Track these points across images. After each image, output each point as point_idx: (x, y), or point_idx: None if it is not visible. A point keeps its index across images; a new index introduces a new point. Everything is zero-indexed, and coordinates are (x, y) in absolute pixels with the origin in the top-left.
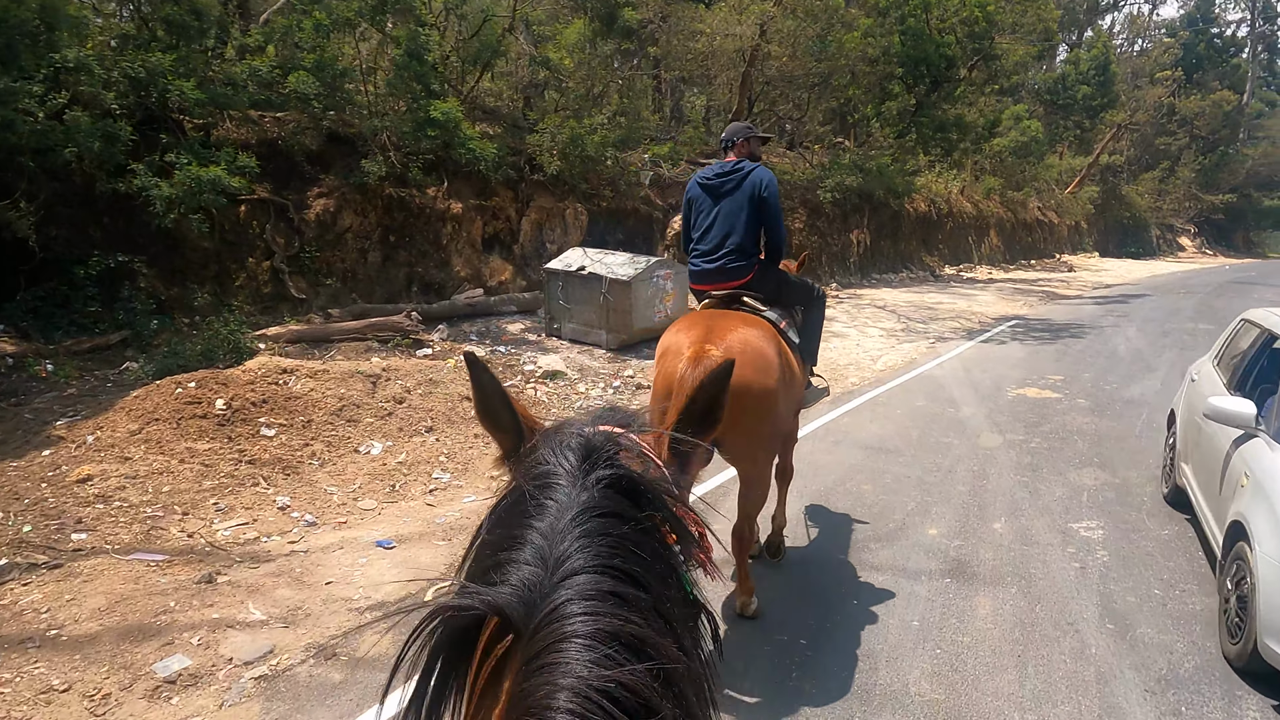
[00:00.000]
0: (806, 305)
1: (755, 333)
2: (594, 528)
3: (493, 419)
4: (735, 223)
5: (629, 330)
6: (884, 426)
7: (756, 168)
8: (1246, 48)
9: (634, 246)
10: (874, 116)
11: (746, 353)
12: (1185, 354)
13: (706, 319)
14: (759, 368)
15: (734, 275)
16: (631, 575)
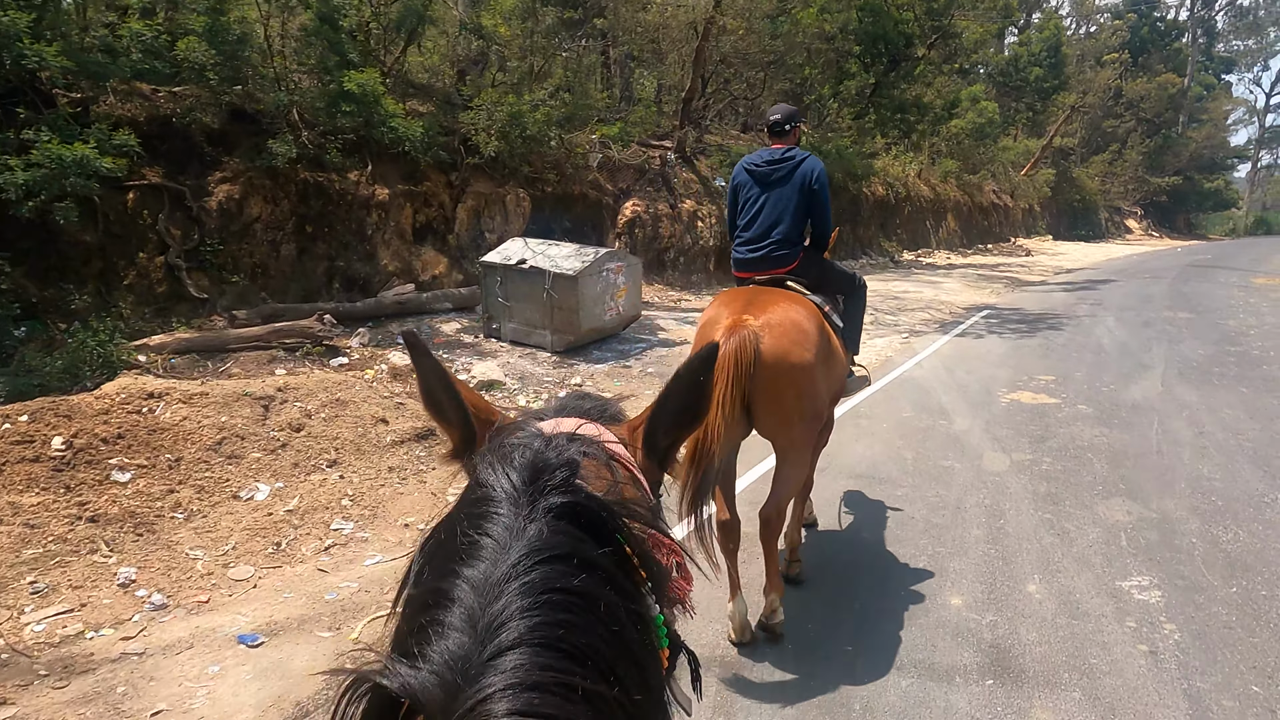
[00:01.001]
0: (848, 294)
1: (796, 308)
2: (538, 580)
3: (438, 410)
4: (784, 212)
5: (576, 330)
6: (872, 447)
7: (808, 157)
8: (1187, 32)
9: (582, 235)
10: (831, 97)
11: (784, 325)
12: (1174, 348)
13: (749, 293)
14: (796, 340)
15: (779, 263)
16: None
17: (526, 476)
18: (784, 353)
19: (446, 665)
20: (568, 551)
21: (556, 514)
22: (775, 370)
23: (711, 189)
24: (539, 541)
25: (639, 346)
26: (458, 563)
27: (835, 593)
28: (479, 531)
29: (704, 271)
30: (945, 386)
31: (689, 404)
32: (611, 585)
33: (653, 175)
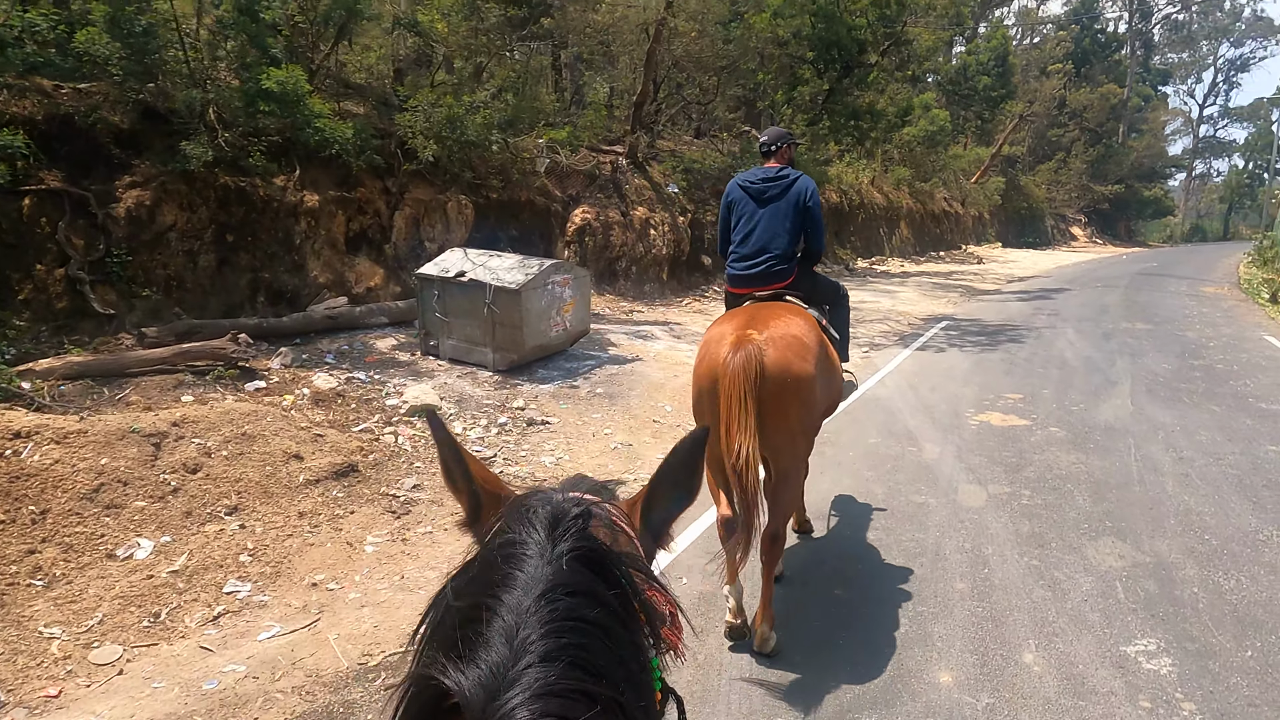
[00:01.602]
0: (833, 304)
1: (798, 321)
2: (560, 609)
3: (453, 483)
4: (780, 228)
5: (520, 348)
6: (839, 481)
7: (801, 176)
8: (1126, 44)
9: (530, 243)
10: (785, 103)
11: (787, 339)
12: (1138, 362)
13: (751, 309)
14: (799, 353)
15: (777, 279)
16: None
17: (548, 525)
18: (787, 365)
19: (490, 672)
20: (585, 589)
21: (574, 556)
22: (780, 383)
23: (665, 195)
24: (559, 580)
25: (588, 364)
26: (495, 588)
27: (809, 670)
28: (511, 566)
29: (657, 281)
30: (911, 407)
31: (682, 480)
32: (618, 620)
33: (604, 181)
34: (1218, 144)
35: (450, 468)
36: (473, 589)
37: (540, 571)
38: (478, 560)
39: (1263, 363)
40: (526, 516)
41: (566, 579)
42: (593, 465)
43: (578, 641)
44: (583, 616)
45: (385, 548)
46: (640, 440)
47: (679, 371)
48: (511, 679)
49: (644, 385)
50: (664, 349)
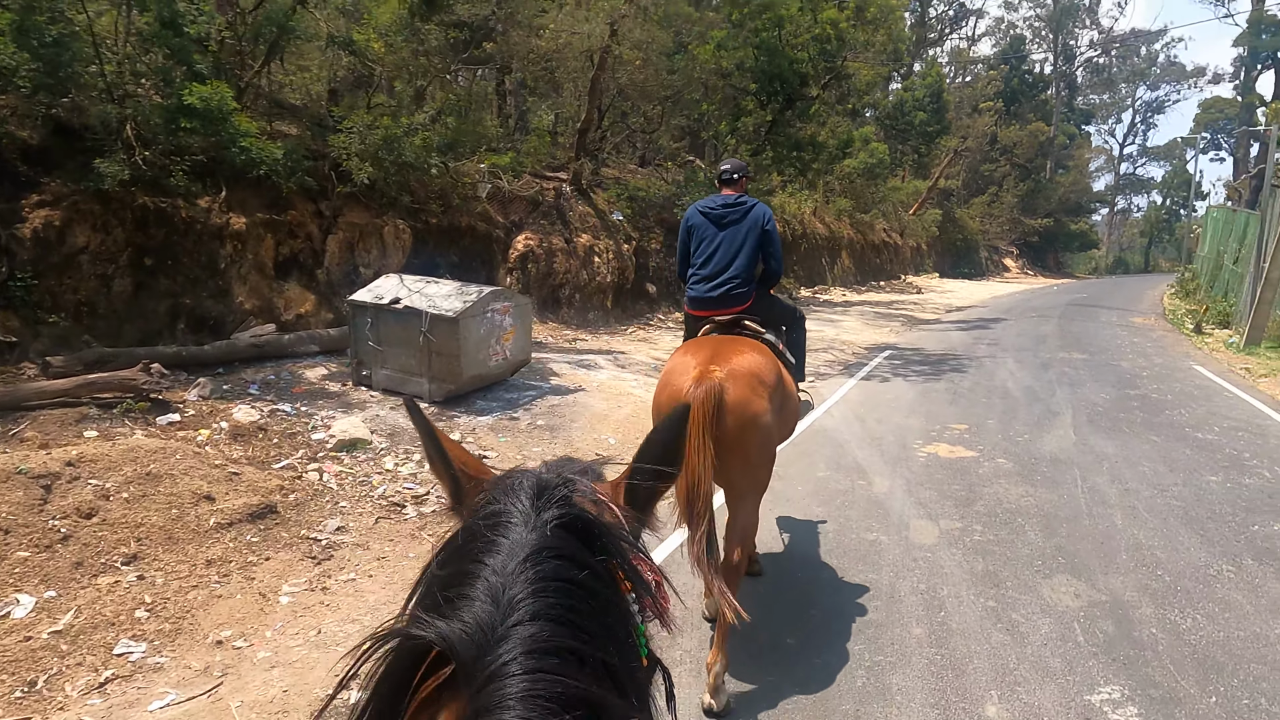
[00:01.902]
0: (790, 325)
1: (758, 357)
2: (547, 570)
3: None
4: (739, 250)
5: (457, 378)
6: (789, 517)
7: (758, 203)
8: (1051, 85)
9: (471, 269)
10: (729, 133)
11: (746, 375)
12: (1077, 392)
13: (712, 343)
14: (756, 390)
15: (737, 301)
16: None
17: (532, 494)
18: (746, 402)
19: (477, 626)
20: (569, 553)
21: (559, 523)
22: (739, 419)
23: (609, 223)
24: (544, 544)
25: (528, 395)
26: (479, 555)
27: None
28: (495, 534)
29: (601, 309)
30: (859, 439)
31: (664, 458)
32: (605, 584)
33: (547, 208)
34: (1137, 181)
35: (431, 454)
36: (458, 557)
37: (526, 537)
38: (463, 531)
39: (1194, 392)
40: (511, 489)
41: (552, 543)
42: None
43: (565, 602)
44: (570, 578)
45: (302, 598)
46: None
47: (623, 402)
48: (501, 635)
49: (587, 417)
50: (607, 379)
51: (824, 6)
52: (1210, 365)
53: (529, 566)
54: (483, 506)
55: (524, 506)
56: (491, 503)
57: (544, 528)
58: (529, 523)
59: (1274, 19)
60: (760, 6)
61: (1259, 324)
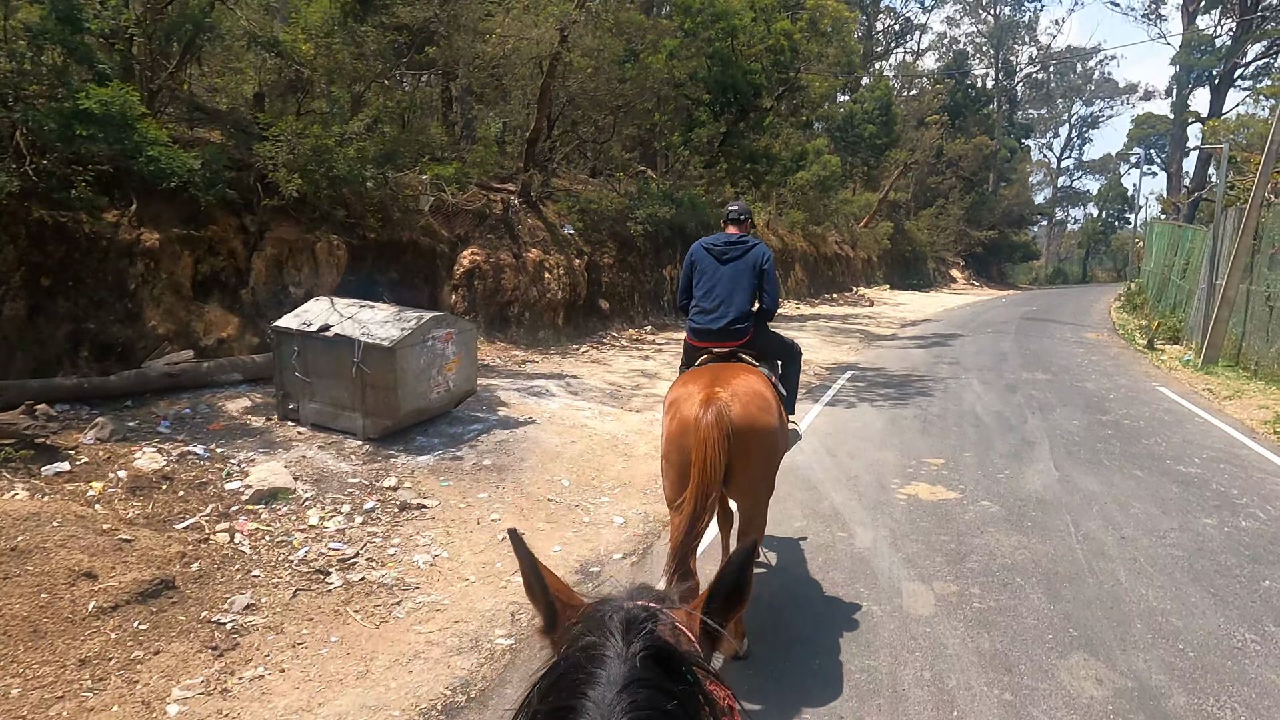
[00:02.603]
0: (786, 360)
1: (756, 380)
2: (640, 700)
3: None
4: (738, 286)
5: (394, 413)
6: (770, 581)
7: (759, 243)
8: (993, 99)
9: (413, 287)
10: (682, 144)
11: (750, 394)
12: (1048, 418)
13: (711, 370)
14: (761, 407)
15: (737, 336)
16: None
17: (624, 629)
18: (753, 419)
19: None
20: (658, 683)
21: (646, 655)
22: (747, 435)
23: (560, 237)
24: (636, 674)
25: (474, 429)
26: (580, 687)
27: None
28: (592, 666)
29: (552, 328)
30: (834, 479)
31: (735, 590)
32: (687, 712)
33: (494, 221)
34: (1074, 194)
35: (530, 582)
36: (560, 690)
37: (619, 670)
38: (562, 664)
39: (1164, 417)
40: (603, 623)
41: (642, 674)
42: (476, 563)
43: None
44: (659, 707)
45: (197, 704)
46: (533, 526)
47: (576, 436)
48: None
49: (538, 454)
50: (560, 409)
51: (777, 18)
52: (1173, 386)
53: (624, 697)
54: (578, 638)
55: (615, 640)
56: (586, 634)
57: (634, 659)
58: (621, 656)
59: (1209, 38)
60: (713, 16)
61: (1215, 343)
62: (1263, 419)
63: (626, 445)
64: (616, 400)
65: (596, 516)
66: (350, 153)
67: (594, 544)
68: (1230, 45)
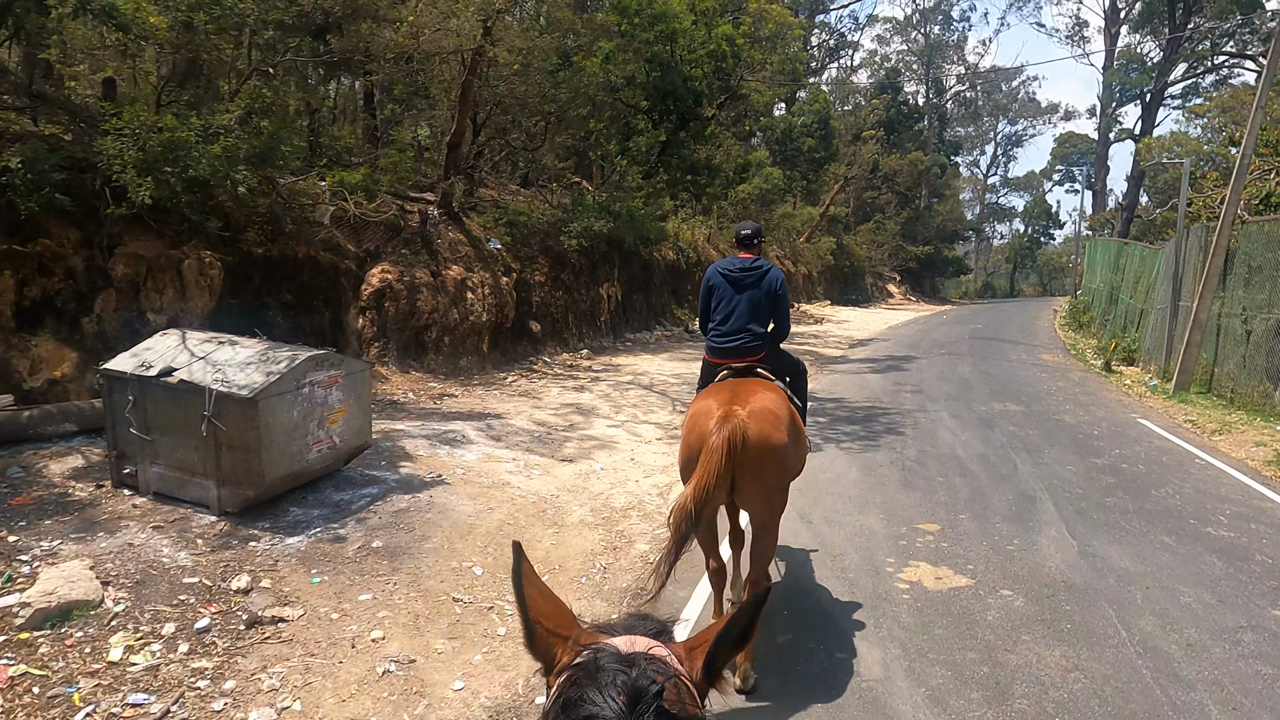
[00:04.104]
0: (794, 376)
1: (773, 396)
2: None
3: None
4: (755, 310)
5: (258, 480)
6: None
7: (772, 268)
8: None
9: (311, 310)
10: (619, 153)
11: (765, 413)
12: (1038, 462)
13: (730, 386)
14: (775, 425)
15: (752, 352)
16: None
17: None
18: (767, 436)
19: None
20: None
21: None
22: (760, 451)
23: (485, 252)
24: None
25: (365, 495)
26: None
27: None
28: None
29: (475, 354)
30: (817, 560)
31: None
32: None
33: (410, 235)
34: (1000, 210)
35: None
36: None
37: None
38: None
39: (1163, 459)
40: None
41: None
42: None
43: None
44: None
45: None
46: (428, 646)
47: (495, 500)
48: None
49: (445, 530)
50: (477, 461)
51: (719, 22)
52: (1154, 418)
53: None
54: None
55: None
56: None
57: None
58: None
59: (1139, 56)
60: (652, 18)
61: (1187, 368)
62: (1264, 459)
63: (557, 510)
64: (546, 446)
65: (516, 626)
66: (215, 150)
67: (511, 673)
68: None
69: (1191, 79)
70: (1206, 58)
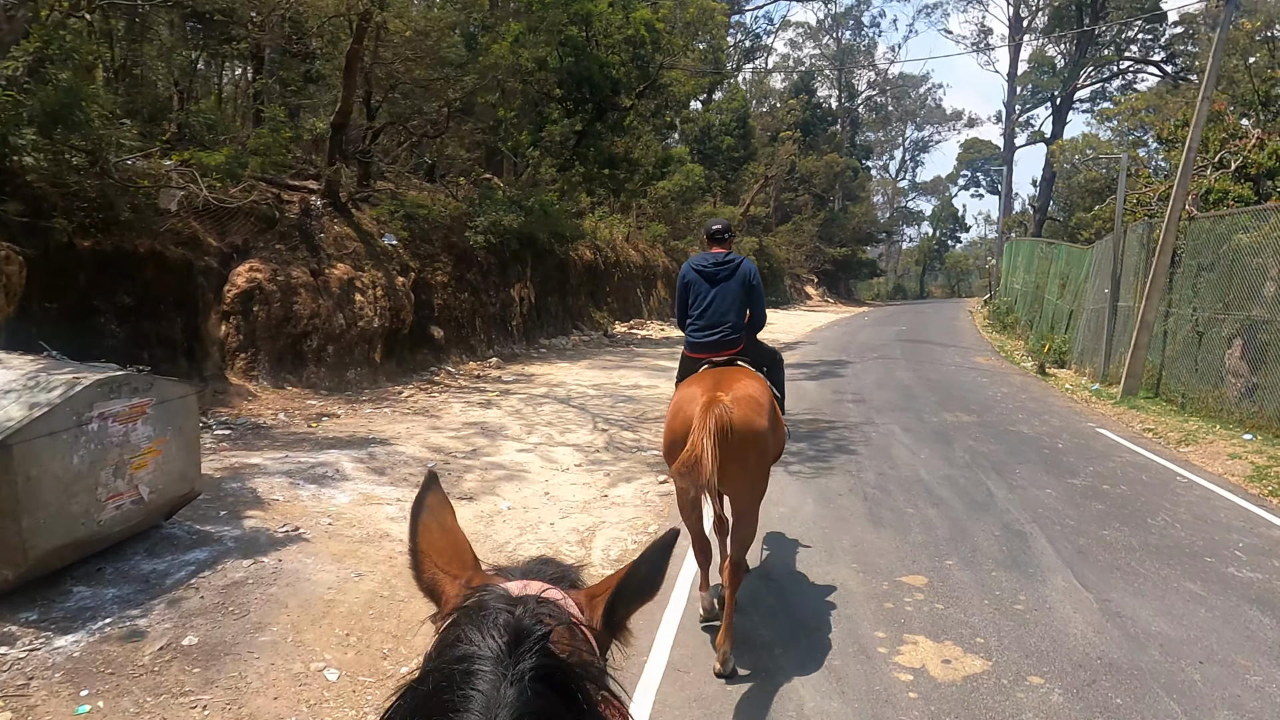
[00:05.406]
0: (772, 366)
1: (755, 384)
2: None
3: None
4: (731, 304)
5: (18, 556)
6: None
7: (745, 260)
8: (838, 120)
9: (158, 317)
10: (531, 144)
11: (748, 399)
12: (1013, 486)
13: (714, 375)
14: (757, 411)
15: (730, 345)
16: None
17: (509, 641)
18: (750, 421)
19: None
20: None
21: (535, 677)
22: (743, 436)
23: (378, 249)
24: (525, 704)
25: (188, 563)
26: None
27: None
28: (470, 687)
29: (366, 365)
30: (787, 641)
31: (647, 584)
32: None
33: (288, 228)
34: (909, 213)
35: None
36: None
37: (502, 694)
38: (434, 675)
39: (1142, 477)
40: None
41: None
42: None
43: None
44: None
45: None
46: None
47: (370, 561)
48: None
49: (292, 611)
50: (351, 504)
51: (637, 5)
52: (1111, 427)
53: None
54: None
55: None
56: (463, 641)
57: (521, 681)
58: (504, 674)
59: (1050, 61)
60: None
61: (1135, 372)
62: (1244, 474)
63: None
64: (441, 480)
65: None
66: None
67: None
68: (1069, 69)
69: (1098, 83)
70: (1112, 63)
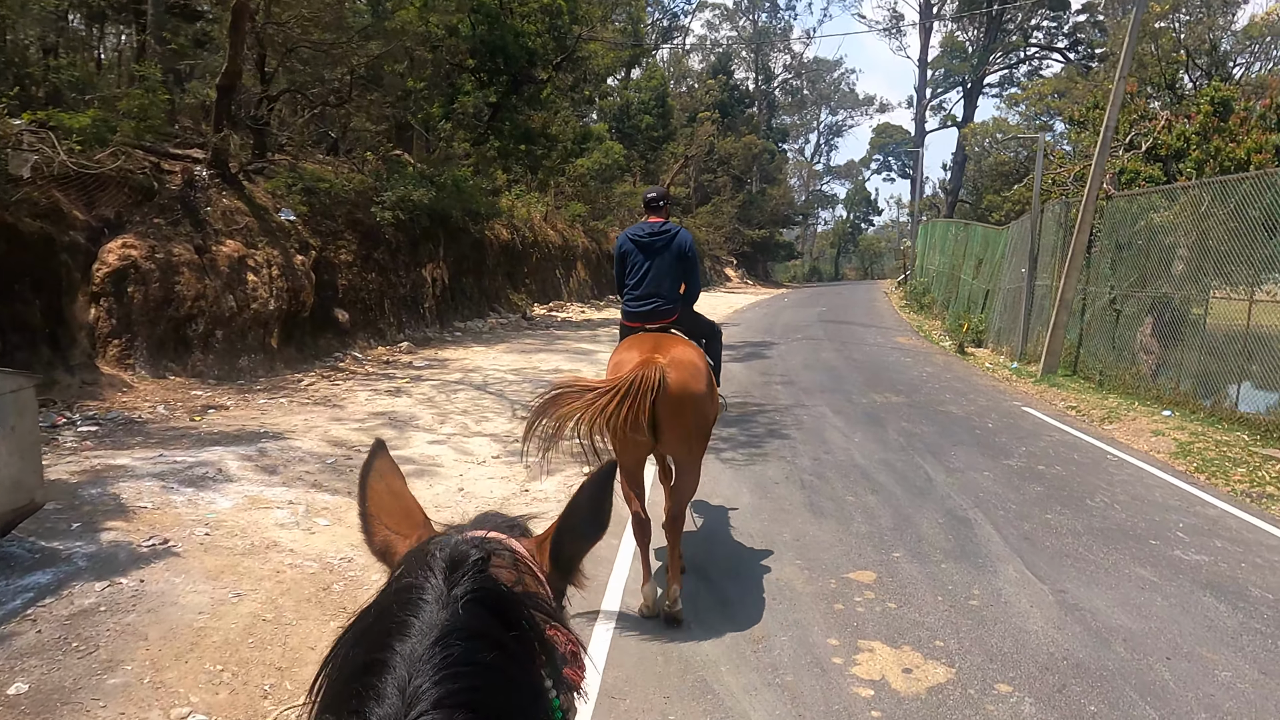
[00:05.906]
0: (710, 339)
1: (691, 349)
2: (455, 654)
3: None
4: (665, 274)
5: None
6: None
7: (681, 230)
8: (755, 102)
9: (12, 300)
10: (443, 116)
11: (684, 362)
12: (950, 469)
13: (652, 339)
14: (694, 374)
15: (664, 315)
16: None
17: (446, 567)
18: (685, 384)
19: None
20: (481, 631)
21: (471, 599)
22: (680, 397)
23: (273, 224)
24: (455, 624)
25: (26, 589)
26: (389, 638)
27: None
28: (406, 613)
29: (262, 351)
30: (730, 655)
31: (590, 518)
32: (516, 662)
33: (169, 201)
34: (824, 197)
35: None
36: (368, 640)
37: (436, 617)
38: (374, 609)
39: (1074, 456)
40: (425, 560)
41: (463, 623)
42: None
43: (471, 685)
44: (478, 660)
45: None
46: None
47: (253, 577)
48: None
49: (153, 643)
50: (234, 509)
51: None
52: (1036, 405)
53: (437, 651)
54: (395, 579)
55: (436, 581)
56: (404, 575)
57: (456, 604)
58: (441, 600)
59: (962, 45)
60: None
61: (1054, 350)
62: (1169, 450)
63: (348, 584)
64: (341, 478)
65: None
66: None
67: None
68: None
69: (1006, 69)
70: (1020, 48)
